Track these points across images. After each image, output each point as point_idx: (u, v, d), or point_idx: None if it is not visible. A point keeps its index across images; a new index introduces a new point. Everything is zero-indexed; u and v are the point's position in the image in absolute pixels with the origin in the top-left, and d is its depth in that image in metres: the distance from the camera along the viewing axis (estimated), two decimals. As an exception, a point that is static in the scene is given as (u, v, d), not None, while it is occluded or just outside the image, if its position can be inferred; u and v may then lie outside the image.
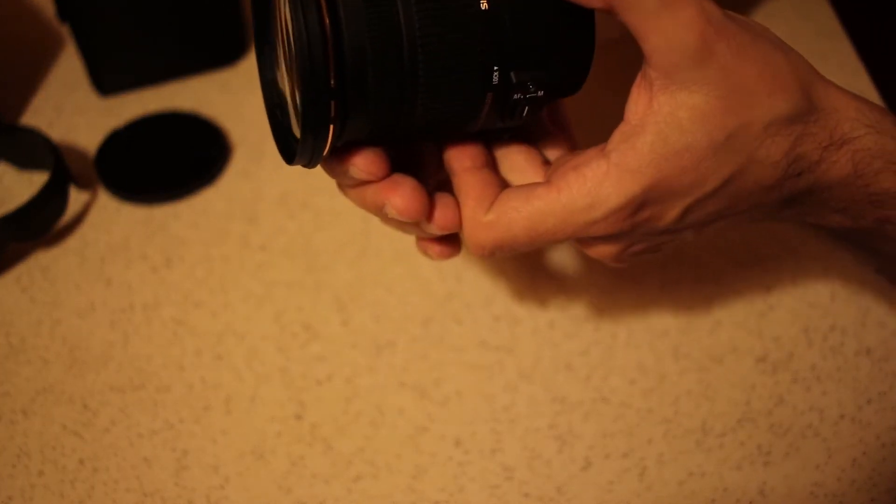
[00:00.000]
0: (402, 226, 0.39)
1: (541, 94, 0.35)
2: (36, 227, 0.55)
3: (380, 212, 0.37)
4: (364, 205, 0.38)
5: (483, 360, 0.51)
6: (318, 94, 0.31)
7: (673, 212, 0.35)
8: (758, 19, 0.68)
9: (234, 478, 0.46)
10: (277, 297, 0.54)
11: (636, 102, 0.34)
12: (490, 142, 0.39)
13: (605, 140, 0.35)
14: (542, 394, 0.49)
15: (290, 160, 0.35)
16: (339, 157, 0.36)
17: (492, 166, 0.38)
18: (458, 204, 0.38)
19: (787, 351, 0.51)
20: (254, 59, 0.38)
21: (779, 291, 0.53)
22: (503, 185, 0.37)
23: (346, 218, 0.57)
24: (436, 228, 0.38)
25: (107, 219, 0.58)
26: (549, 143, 0.40)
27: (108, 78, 0.65)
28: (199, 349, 0.51)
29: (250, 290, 0.54)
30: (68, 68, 0.68)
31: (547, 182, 0.35)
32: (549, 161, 0.39)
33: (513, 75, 0.34)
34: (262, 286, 0.54)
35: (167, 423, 0.48)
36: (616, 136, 0.34)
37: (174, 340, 0.52)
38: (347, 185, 0.38)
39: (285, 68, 0.36)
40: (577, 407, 0.49)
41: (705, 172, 0.34)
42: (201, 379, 0.50)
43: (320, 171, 0.38)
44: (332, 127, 0.32)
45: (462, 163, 0.37)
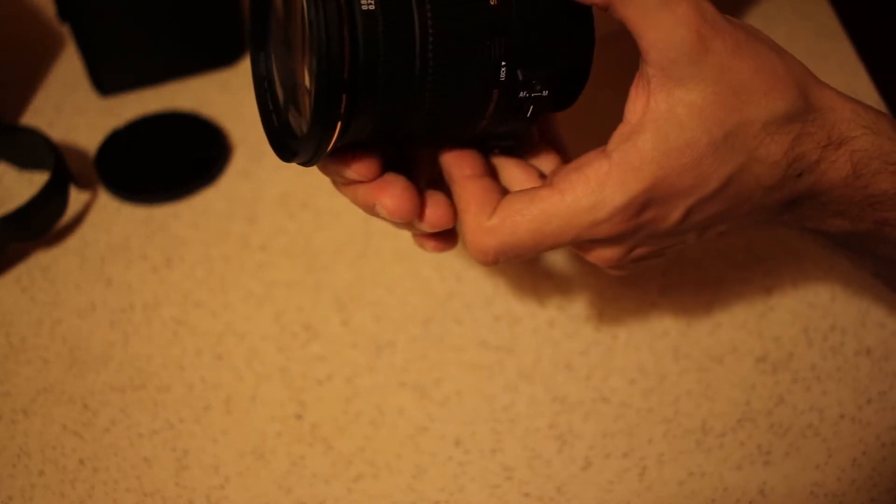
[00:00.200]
0: (395, 223, 0.39)
1: (545, 93, 0.35)
2: (36, 227, 0.55)
3: (371, 210, 0.37)
4: (356, 202, 0.38)
5: (483, 360, 0.51)
6: (332, 85, 0.31)
7: (676, 212, 0.35)
8: (758, 19, 0.69)
9: (235, 478, 0.46)
10: (277, 297, 0.54)
11: (634, 102, 0.34)
12: (486, 155, 0.39)
13: (605, 140, 0.35)
14: (542, 394, 0.49)
15: (289, 157, 0.35)
16: (333, 157, 0.36)
17: (491, 175, 0.38)
18: (449, 202, 0.38)
19: (787, 351, 0.51)
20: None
21: (779, 292, 0.53)
22: (504, 192, 0.37)
23: (347, 218, 0.57)
24: (427, 227, 0.38)
25: (107, 219, 0.58)
26: (543, 160, 0.40)
27: (108, 78, 0.65)
28: (200, 349, 0.51)
29: (250, 290, 0.54)
30: (68, 68, 0.68)
31: (549, 185, 0.35)
32: (545, 175, 0.39)
33: (519, 73, 0.34)
34: (262, 286, 0.54)
35: (167, 423, 0.48)
36: (616, 137, 0.35)
37: (174, 340, 0.52)
38: (340, 184, 0.38)
39: (282, 66, 0.36)
40: (578, 407, 0.49)
41: (707, 170, 0.34)
42: (201, 379, 0.50)
43: (320, 171, 0.38)
44: (339, 123, 0.32)
45: (462, 171, 0.37)
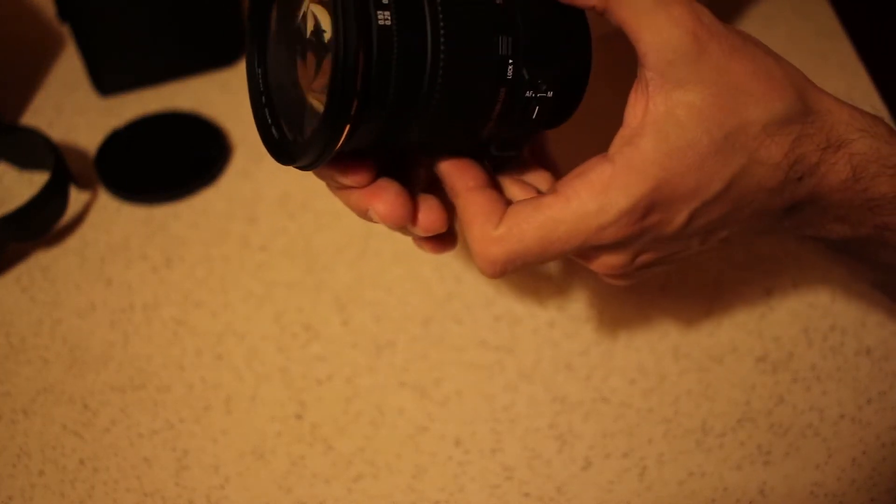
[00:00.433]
0: (389, 227, 0.39)
1: (550, 94, 0.35)
2: (36, 227, 0.55)
3: (365, 215, 0.37)
4: (350, 207, 0.38)
5: (483, 360, 0.51)
6: (345, 93, 0.31)
7: (680, 216, 0.35)
8: (758, 19, 0.69)
9: (235, 478, 0.46)
10: (277, 297, 0.54)
11: (634, 106, 0.35)
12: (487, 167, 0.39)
13: (605, 141, 0.36)
14: (542, 394, 0.49)
15: (288, 161, 0.35)
16: (328, 162, 0.36)
17: (494, 187, 0.38)
18: (442, 206, 0.38)
19: (787, 351, 0.51)
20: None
21: (779, 292, 0.53)
22: (507, 202, 0.37)
23: (347, 218, 0.57)
24: (420, 231, 0.38)
25: (107, 219, 0.58)
26: (537, 179, 0.40)
27: (108, 78, 0.65)
28: (200, 349, 0.51)
29: (250, 290, 0.54)
30: (68, 68, 0.68)
31: (554, 192, 0.35)
32: (542, 192, 0.39)
33: (525, 72, 0.34)
34: (262, 286, 0.54)
35: (167, 423, 0.48)
36: (617, 141, 0.35)
37: (174, 340, 0.52)
38: (334, 188, 0.38)
39: (280, 67, 0.36)
40: (577, 407, 0.49)
41: (709, 172, 0.34)
42: (201, 379, 0.50)
43: (315, 175, 0.38)
44: (347, 127, 0.32)
45: (465, 182, 0.37)
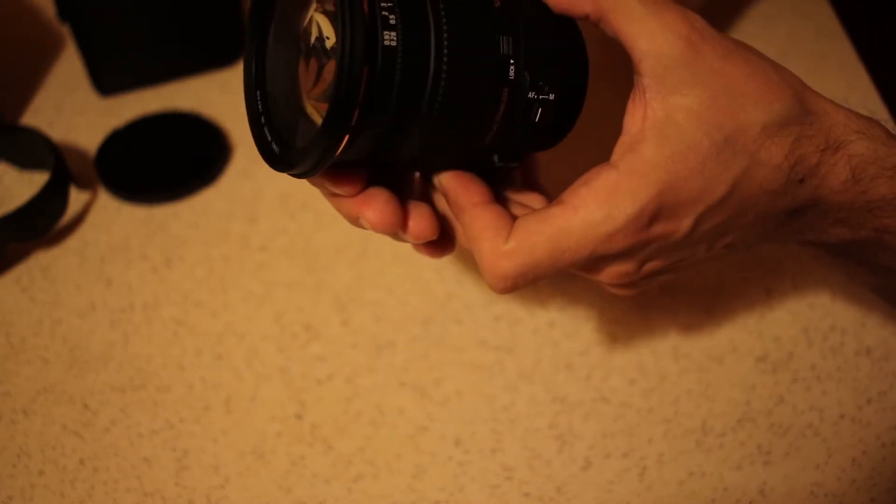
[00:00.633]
0: (380, 234, 0.39)
1: (551, 97, 0.35)
2: (36, 227, 0.55)
3: (356, 222, 0.38)
4: (341, 213, 0.38)
5: (483, 360, 0.51)
6: (350, 93, 0.31)
7: (686, 221, 0.35)
8: (758, 19, 0.69)
9: (235, 477, 0.46)
10: (278, 297, 0.54)
11: (633, 113, 0.35)
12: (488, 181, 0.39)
13: (606, 144, 0.36)
14: (542, 394, 0.49)
15: (285, 168, 0.35)
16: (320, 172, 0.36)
17: (498, 202, 0.38)
18: (433, 214, 0.38)
19: (787, 351, 0.51)
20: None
21: (779, 292, 0.53)
22: (514, 217, 0.37)
23: (347, 218, 0.57)
24: (411, 238, 0.38)
25: (107, 219, 0.58)
26: (531, 200, 0.40)
27: (108, 78, 0.65)
28: (200, 349, 0.52)
29: (250, 290, 0.54)
30: (68, 68, 0.68)
31: (560, 202, 0.35)
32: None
33: (526, 73, 0.35)
34: (262, 286, 0.54)
35: (167, 423, 0.48)
36: (619, 148, 0.35)
37: (174, 340, 0.52)
38: (326, 194, 0.38)
39: (278, 73, 0.36)
40: (577, 407, 0.49)
41: (712, 176, 0.34)
42: (201, 379, 0.50)
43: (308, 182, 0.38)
44: (346, 137, 0.32)
45: (471, 198, 0.37)
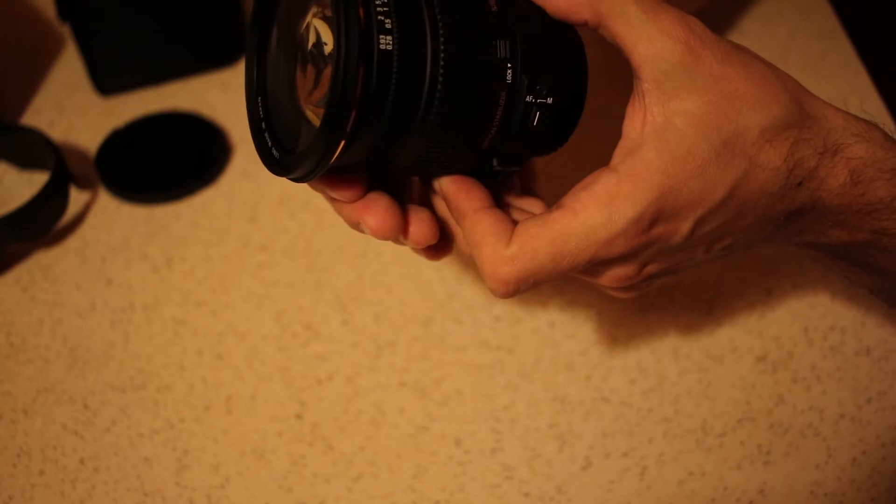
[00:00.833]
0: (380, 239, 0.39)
1: (550, 101, 0.35)
2: (36, 227, 0.56)
3: (357, 227, 0.38)
4: (342, 218, 0.38)
5: (483, 360, 0.51)
6: (346, 96, 0.31)
7: (685, 224, 0.35)
8: (758, 19, 0.69)
9: (235, 477, 0.46)
10: (278, 296, 0.54)
11: (632, 118, 0.35)
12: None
13: (607, 147, 0.36)
14: (542, 393, 0.49)
15: (283, 172, 0.35)
16: (320, 177, 0.36)
17: (499, 207, 0.38)
18: (433, 219, 0.38)
19: (787, 350, 0.51)
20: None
21: (779, 292, 0.53)
22: (514, 222, 0.37)
23: (347, 218, 0.57)
24: (411, 243, 0.38)
25: (107, 219, 0.58)
26: (530, 205, 0.40)
27: (108, 78, 0.65)
28: (200, 349, 0.52)
29: (251, 289, 0.54)
30: (68, 68, 0.68)
31: (560, 206, 0.35)
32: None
33: (524, 77, 0.35)
34: (262, 286, 0.54)
35: (168, 423, 0.48)
36: (619, 152, 0.35)
37: (175, 340, 0.52)
38: (327, 198, 0.38)
39: (278, 78, 0.36)
40: (578, 406, 0.49)
41: (711, 179, 0.34)
42: (202, 378, 0.50)
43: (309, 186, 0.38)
44: (343, 141, 0.32)
45: (472, 204, 0.37)
